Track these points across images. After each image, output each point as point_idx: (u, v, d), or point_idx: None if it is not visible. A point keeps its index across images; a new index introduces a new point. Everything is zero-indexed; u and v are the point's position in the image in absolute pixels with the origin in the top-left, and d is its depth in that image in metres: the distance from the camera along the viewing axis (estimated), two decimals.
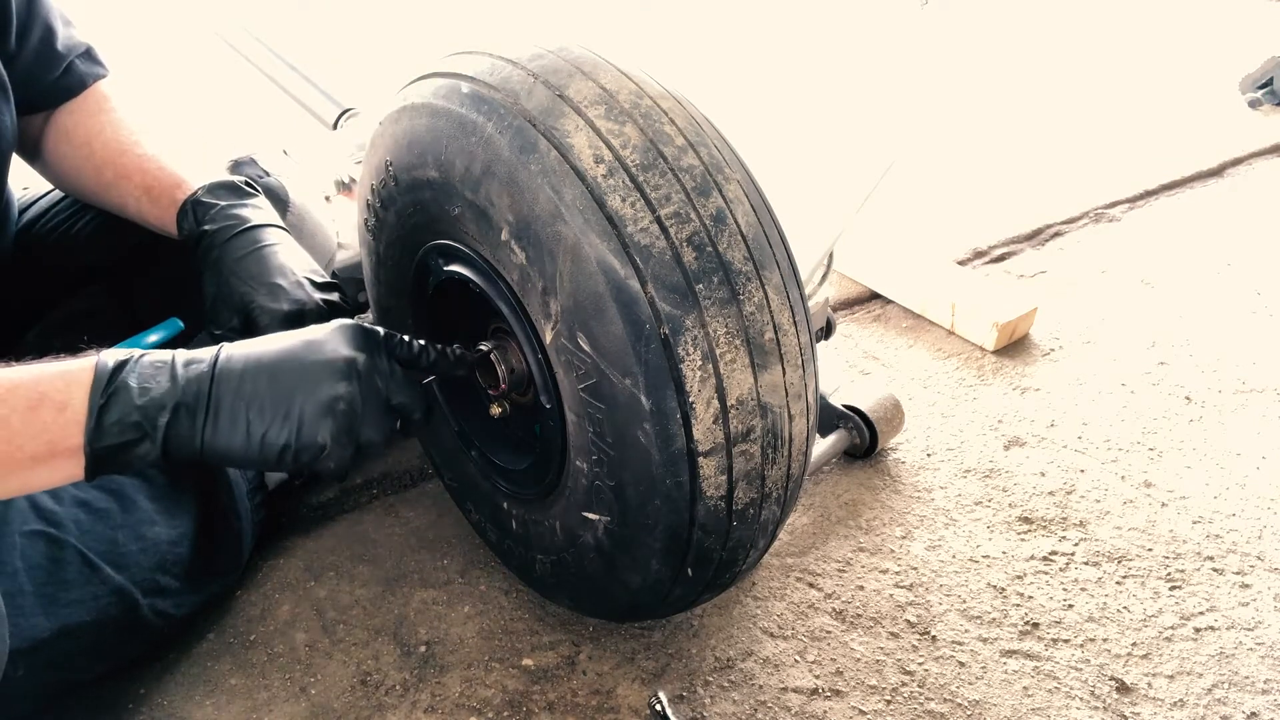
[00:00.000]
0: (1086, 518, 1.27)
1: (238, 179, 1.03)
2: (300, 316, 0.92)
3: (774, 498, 0.83)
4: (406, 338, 0.82)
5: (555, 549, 0.97)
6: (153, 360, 0.72)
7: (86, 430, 0.68)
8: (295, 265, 0.96)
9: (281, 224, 1.02)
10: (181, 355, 0.73)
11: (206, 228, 0.97)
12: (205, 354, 0.74)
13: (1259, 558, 1.21)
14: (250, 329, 0.92)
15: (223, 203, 0.99)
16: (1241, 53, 3.09)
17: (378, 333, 0.79)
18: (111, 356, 0.71)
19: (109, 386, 0.69)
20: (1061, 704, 1.01)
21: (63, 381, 0.69)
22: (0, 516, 0.89)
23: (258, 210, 1.01)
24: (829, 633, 1.09)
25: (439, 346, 0.85)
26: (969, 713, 1.00)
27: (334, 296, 0.97)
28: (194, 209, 0.98)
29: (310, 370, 0.73)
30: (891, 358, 1.64)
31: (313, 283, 0.95)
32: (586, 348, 0.77)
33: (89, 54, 1.08)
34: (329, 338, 0.75)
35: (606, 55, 0.81)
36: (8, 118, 0.97)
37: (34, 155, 1.10)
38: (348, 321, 0.79)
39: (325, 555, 1.20)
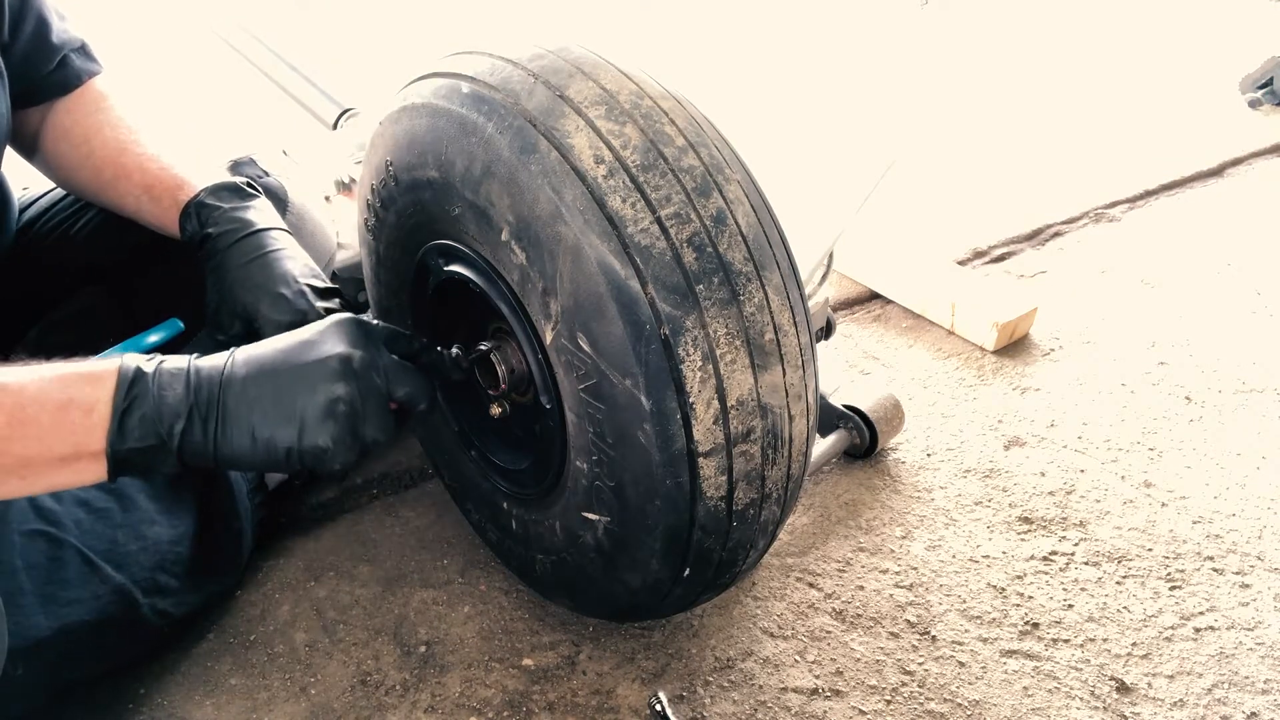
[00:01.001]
0: (1086, 518, 1.27)
1: (239, 180, 1.03)
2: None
3: (774, 498, 0.83)
4: (406, 333, 0.83)
5: (555, 549, 0.97)
6: (171, 367, 0.73)
7: (109, 434, 0.69)
8: (298, 272, 0.97)
9: (284, 226, 1.02)
10: (196, 362, 0.74)
11: (210, 231, 0.97)
12: (217, 360, 0.75)
13: (1259, 558, 1.21)
14: (253, 336, 0.93)
15: (226, 205, 0.99)
16: (1241, 53, 3.09)
17: (374, 326, 0.79)
18: (134, 361, 0.73)
19: (130, 391, 0.70)
20: (1061, 704, 1.01)
21: (89, 385, 0.70)
22: (0, 515, 0.89)
23: (260, 213, 1.01)
24: (829, 633, 1.09)
25: (438, 348, 0.85)
26: (969, 713, 1.00)
27: (335, 303, 0.97)
28: (198, 212, 0.99)
29: (307, 371, 0.73)
30: (891, 358, 1.64)
31: (315, 289, 0.96)
32: (587, 348, 0.77)
33: (84, 49, 1.08)
34: (323, 336, 0.76)
35: (607, 55, 0.81)
36: (3, 106, 0.97)
37: (31, 152, 1.10)
38: (344, 316, 0.79)
39: (325, 555, 1.20)
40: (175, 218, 1.00)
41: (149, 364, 0.73)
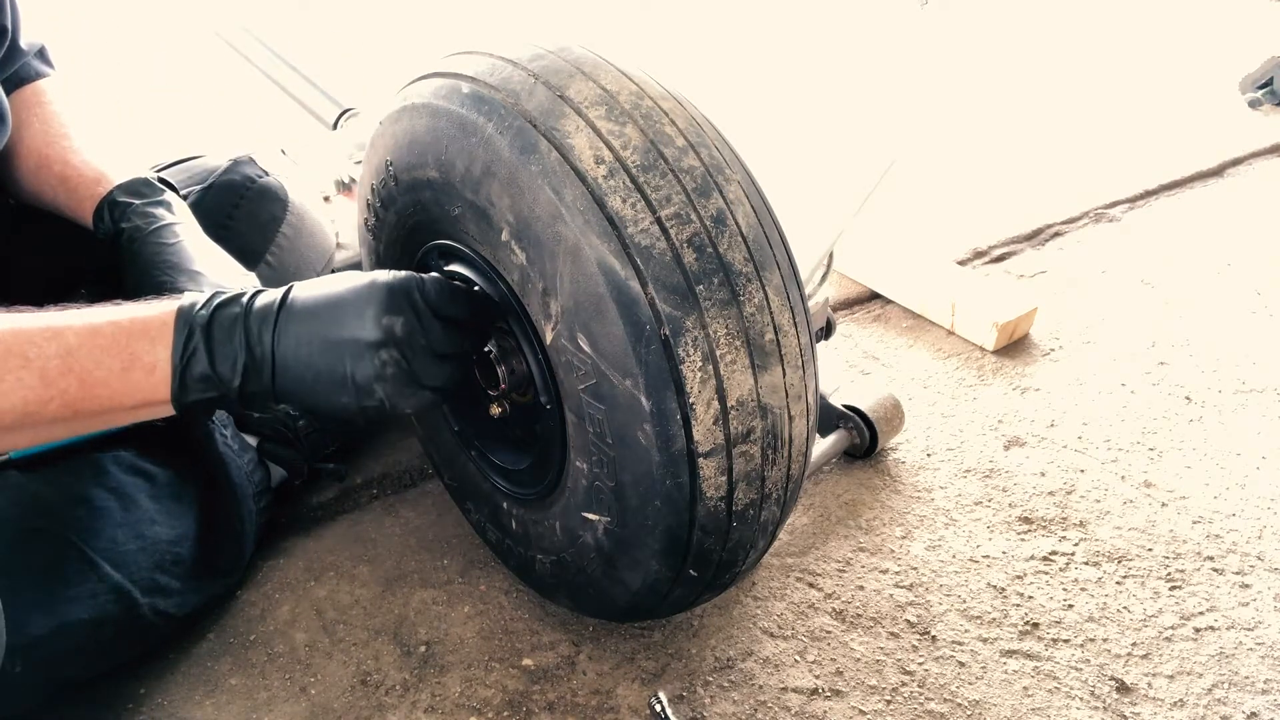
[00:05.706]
0: (1086, 518, 1.27)
1: (151, 175, 1.07)
2: None
3: (774, 498, 0.83)
4: (456, 286, 0.84)
5: (555, 549, 0.97)
6: (225, 317, 0.76)
7: (173, 390, 0.75)
8: (212, 251, 1.02)
9: (191, 219, 1.06)
10: (249, 310, 0.76)
11: (123, 226, 1.01)
12: (270, 304, 0.77)
13: (1259, 558, 1.21)
14: None
15: (137, 202, 1.03)
16: (1241, 53, 3.08)
17: (420, 284, 0.79)
18: (188, 310, 0.76)
19: (187, 347, 0.75)
20: (1061, 704, 1.01)
21: (149, 342, 0.74)
22: (1, 513, 0.89)
23: (170, 208, 1.05)
24: (829, 633, 1.09)
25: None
26: (969, 713, 1.00)
27: (254, 278, 1.02)
28: (110, 209, 1.02)
29: (348, 340, 0.76)
30: (891, 358, 1.64)
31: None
32: (587, 348, 0.77)
33: (43, 53, 1.13)
34: (365, 297, 0.77)
35: (607, 56, 0.81)
36: None
37: None
38: (382, 279, 0.79)
39: (325, 555, 1.20)
40: (90, 211, 1.03)
41: (203, 310, 0.75)
